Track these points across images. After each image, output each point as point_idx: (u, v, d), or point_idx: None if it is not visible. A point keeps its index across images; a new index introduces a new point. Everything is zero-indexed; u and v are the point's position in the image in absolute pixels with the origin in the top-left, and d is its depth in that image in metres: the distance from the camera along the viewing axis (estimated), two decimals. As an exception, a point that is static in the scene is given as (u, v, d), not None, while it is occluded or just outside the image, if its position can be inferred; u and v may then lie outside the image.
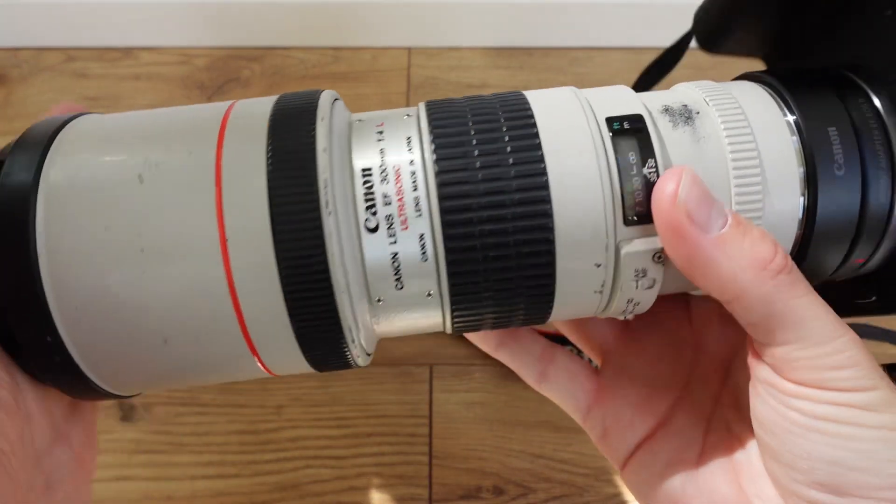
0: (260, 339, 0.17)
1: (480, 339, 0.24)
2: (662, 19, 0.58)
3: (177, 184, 0.17)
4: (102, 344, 0.17)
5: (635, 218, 0.17)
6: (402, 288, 0.17)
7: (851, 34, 0.21)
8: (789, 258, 0.17)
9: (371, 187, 0.17)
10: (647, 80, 0.39)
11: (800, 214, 0.18)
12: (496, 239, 0.17)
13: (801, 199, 0.18)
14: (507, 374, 0.43)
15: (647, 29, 0.59)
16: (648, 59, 0.60)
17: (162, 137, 0.18)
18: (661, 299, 0.22)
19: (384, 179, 0.17)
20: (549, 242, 0.17)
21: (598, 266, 0.18)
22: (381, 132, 0.18)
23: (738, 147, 0.18)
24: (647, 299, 0.19)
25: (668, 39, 0.63)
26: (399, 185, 0.17)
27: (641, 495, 0.23)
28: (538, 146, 0.17)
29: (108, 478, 0.39)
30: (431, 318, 0.19)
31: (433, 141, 0.17)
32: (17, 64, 0.57)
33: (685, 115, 0.19)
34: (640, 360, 0.24)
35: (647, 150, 0.18)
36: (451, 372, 0.43)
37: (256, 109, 0.18)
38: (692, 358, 0.24)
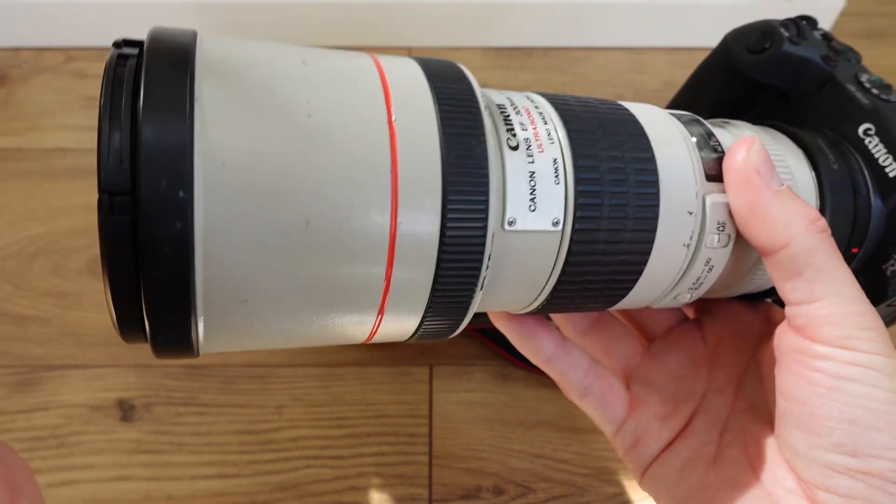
0: (407, 234, 0.16)
1: (533, 351, 0.26)
2: (663, 19, 0.58)
3: (341, 73, 0.17)
4: (238, 211, 0.15)
5: (711, 175, 0.21)
6: (534, 210, 0.19)
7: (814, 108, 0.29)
8: (829, 227, 0.20)
9: (508, 116, 0.19)
10: None
11: (815, 195, 0.23)
12: (616, 176, 0.19)
13: (814, 184, 0.23)
14: (507, 375, 0.43)
15: (647, 29, 0.59)
16: (648, 59, 0.60)
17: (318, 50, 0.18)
18: (675, 325, 0.28)
19: (517, 112, 0.19)
20: (655, 185, 0.20)
21: (691, 214, 0.20)
22: (501, 91, 0.21)
23: (767, 144, 0.22)
24: (719, 264, 0.22)
25: (667, 40, 0.63)
26: (531, 117, 0.19)
27: (662, 495, 0.24)
28: (637, 120, 0.21)
29: (108, 478, 0.39)
30: (546, 259, 0.19)
31: (551, 102, 0.20)
32: (17, 64, 0.57)
33: (720, 124, 0.24)
34: (662, 376, 0.26)
35: (708, 131, 0.22)
36: (451, 372, 0.43)
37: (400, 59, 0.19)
38: (707, 374, 0.26)
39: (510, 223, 0.18)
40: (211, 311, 0.16)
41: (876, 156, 0.24)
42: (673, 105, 0.33)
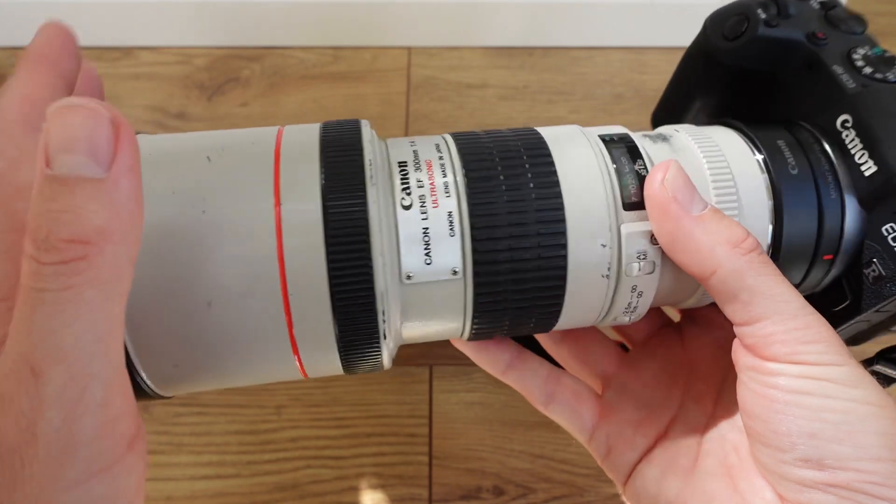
0: (299, 303, 0.18)
1: (489, 363, 0.26)
2: (662, 19, 0.58)
3: (239, 162, 0.19)
4: (146, 300, 0.17)
5: (632, 202, 0.20)
6: (430, 263, 0.19)
7: (782, 97, 0.26)
8: (759, 244, 0.19)
9: (406, 175, 0.20)
10: None
11: (769, 210, 0.22)
12: (517, 219, 0.19)
13: (769, 200, 0.22)
14: (507, 374, 0.43)
15: (647, 29, 0.59)
16: (648, 58, 0.60)
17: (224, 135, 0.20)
18: (657, 331, 0.26)
19: (418, 168, 0.20)
20: (561, 224, 0.20)
21: (604, 246, 0.20)
22: (412, 142, 0.21)
23: (710, 156, 0.22)
24: (649, 289, 0.21)
25: (667, 39, 0.63)
26: (430, 171, 0.20)
27: None
28: (549, 153, 0.21)
29: (107, 478, 0.39)
30: (454, 302, 0.20)
31: (458, 146, 0.21)
32: (16, 63, 0.57)
33: (661, 136, 0.23)
34: (638, 383, 0.26)
35: (634, 153, 0.21)
36: (451, 372, 0.43)
37: (305, 128, 0.20)
38: (686, 381, 0.25)
39: (408, 277, 0.19)
40: (151, 374, 0.18)
41: (852, 152, 0.21)
42: (662, 100, 0.31)
